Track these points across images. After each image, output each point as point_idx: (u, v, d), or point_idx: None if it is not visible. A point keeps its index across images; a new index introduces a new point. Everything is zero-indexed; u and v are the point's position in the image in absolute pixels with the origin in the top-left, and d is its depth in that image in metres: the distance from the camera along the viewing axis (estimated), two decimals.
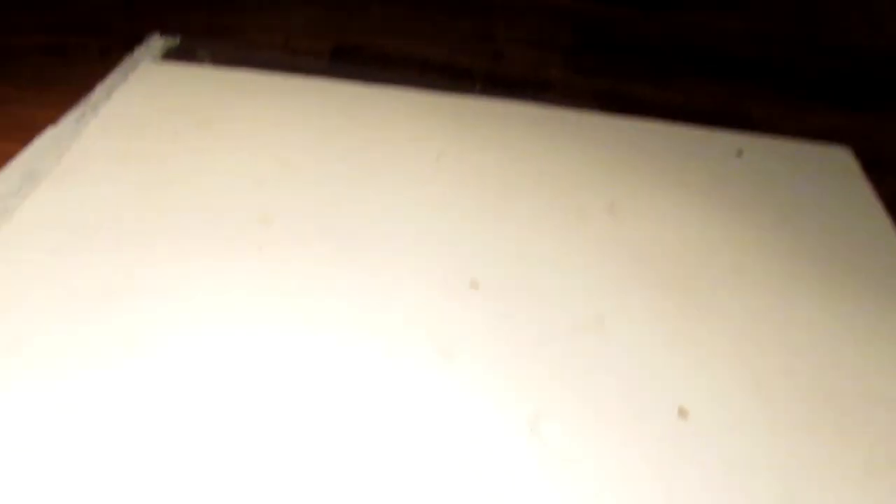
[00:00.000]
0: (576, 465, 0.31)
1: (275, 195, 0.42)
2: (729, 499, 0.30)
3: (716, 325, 0.38)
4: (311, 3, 0.68)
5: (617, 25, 0.68)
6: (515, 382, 0.34)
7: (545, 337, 0.36)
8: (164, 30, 0.60)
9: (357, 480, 0.29)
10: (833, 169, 0.50)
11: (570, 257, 0.41)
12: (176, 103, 0.49)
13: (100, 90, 0.52)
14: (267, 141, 0.46)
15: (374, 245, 0.40)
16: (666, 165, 0.49)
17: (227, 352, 0.33)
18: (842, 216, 0.46)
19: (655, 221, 0.44)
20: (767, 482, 0.31)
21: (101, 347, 0.33)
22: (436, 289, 0.38)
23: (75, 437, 0.29)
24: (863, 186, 0.48)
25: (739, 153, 0.50)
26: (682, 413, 0.33)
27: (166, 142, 0.45)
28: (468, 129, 0.50)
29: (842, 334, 0.38)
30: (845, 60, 0.65)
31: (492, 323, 0.36)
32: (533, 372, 0.34)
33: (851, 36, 0.66)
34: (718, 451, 0.32)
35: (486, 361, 0.35)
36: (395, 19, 0.67)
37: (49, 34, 0.61)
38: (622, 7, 0.68)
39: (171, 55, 0.57)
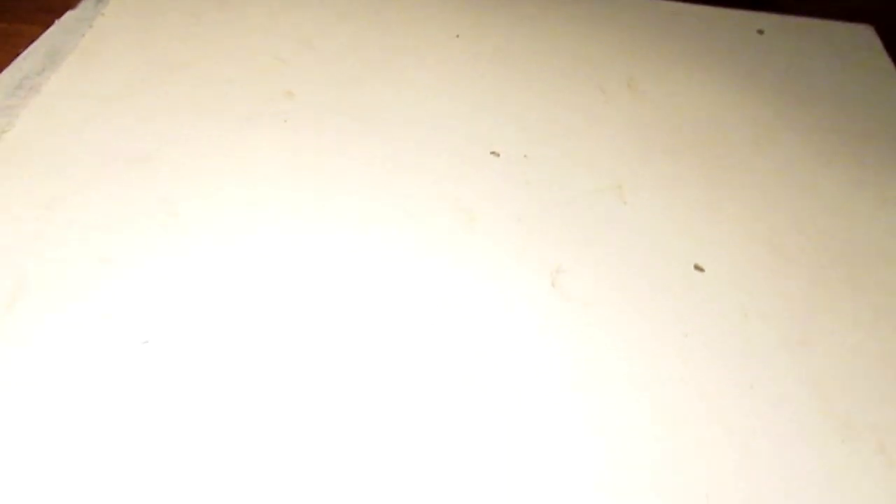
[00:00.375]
0: (595, 314, 0.32)
1: (297, 72, 0.43)
2: (742, 341, 0.32)
3: (731, 190, 0.39)
4: None
5: None
6: (537, 240, 0.35)
7: (564, 200, 0.37)
8: None
9: (387, 332, 0.31)
10: (855, 47, 0.49)
11: (589, 128, 0.41)
12: None
13: None
14: (287, 21, 0.47)
15: (396, 117, 0.41)
16: (686, 43, 0.48)
17: (260, 210, 0.35)
18: (861, 91, 0.46)
19: (673, 96, 0.44)
20: (780, 326, 0.32)
21: (137, 208, 0.34)
22: (457, 156, 0.39)
23: (113, 286, 0.31)
24: (884, 63, 0.48)
25: (760, 32, 0.50)
26: (698, 268, 0.35)
27: (187, 22, 0.46)
28: (486, 9, 0.50)
29: (855, 197, 0.39)
30: None
31: (511, 187, 0.38)
32: (551, 231, 0.36)
33: None
34: (731, 299, 0.33)
35: (507, 222, 0.36)
36: None
37: None
38: None
39: None
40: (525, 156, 0.39)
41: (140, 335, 0.30)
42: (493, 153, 0.39)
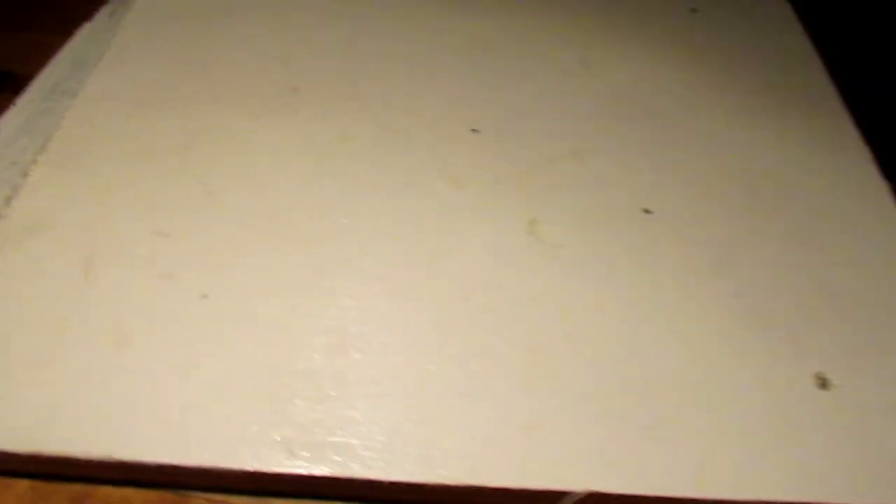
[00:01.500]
0: (566, 254, 0.40)
1: (301, 69, 0.50)
2: (682, 265, 0.39)
3: (671, 146, 0.46)
4: None
5: None
6: (513, 198, 0.42)
7: (534, 165, 0.44)
8: None
9: (392, 272, 0.38)
10: (772, 17, 0.57)
11: (552, 103, 0.49)
12: None
13: None
14: (288, 23, 0.53)
15: (390, 105, 0.48)
16: (631, 25, 0.56)
17: (284, 186, 0.42)
18: (778, 54, 0.54)
19: (622, 72, 0.52)
20: (711, 251, 0.40)
21: (179, 188, 0.41)
22: (443, 134, 0.46)
23: (169, 252, 0.38)
24: (797, 29, 0.56)
25: (694, 10, 0.57)
26: (646, 211, 0.42)
27: (199, 28, 0.52)
28: (462, 7, 0.56)
29: (771, 143, 0.47)
30: None
31: (490, 157, 0.45)
32: (526, 190, 0.43)
33: None
34: (673, 233, 0.41)
35: (488, 186, 0.43)
36: None
37: None
38: None
39: None
40: (499, 131, 0.46)
41: (198, 291, 0.36)
42: (473, 130, 0.46)
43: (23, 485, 0.32)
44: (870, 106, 0.51)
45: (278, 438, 0.31)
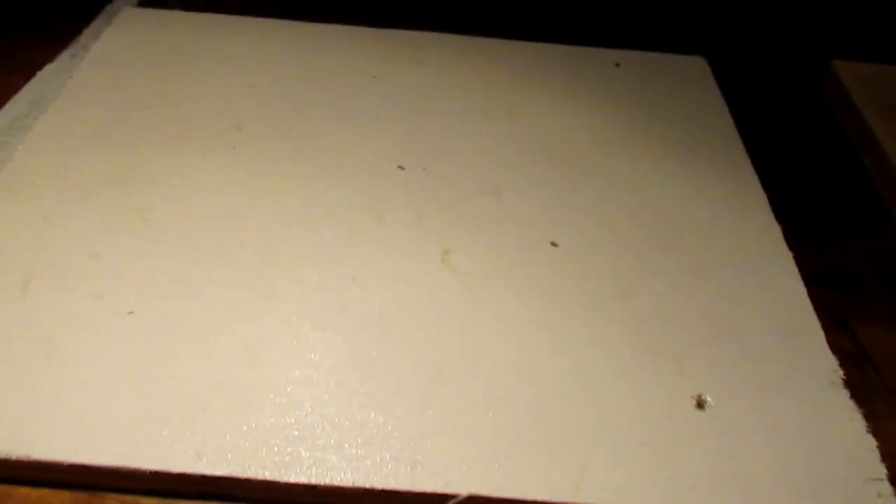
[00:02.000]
0: (474, 282, 0.43)
1: (244, 110, 0.54)
2: (583, 295, 0.43)
3: (583, 188, 0.50)
4: None
5: None
6: (431, 230, 0.46)
7: (453, 200, 0.48)
8: None
9: (319, 300, 0.41)
10: (690, 74, 0.62)
11: (476, 146, 0.53)
12: (155, 41, 0.59)
13: (87, 33, 0.62)
14: (234, 69, 0.57)
15: (323, 142, 0.51)
16: (556, 76, 0.60)
17: (217, 215, 0.45)
18: (694, 109, 0.58)
19: (546, 119, 0.56)
20: (612, 284, 0.44)
21: (117, 216, 0.44)
22: (371, 170, 0.50)
23: (102, 273, 0.41)
24: (712, 86, 0.61)
25: (617, 65, 0.62)
26: (553, 244, 0.46)
27: (151, 72, 0.56)
28: (395, 54, 0.61)
29: (676, 190, 0.51)
30: None
31: (413, 192, 0.48)
32: (444, 223, 0.46)
33: None
34: (577, 266, 0.44)
35: (410, 219, 0.47)
36: None
37: None
38: None
39: (145, 3, 0.67)
40: (424, 168, 0.50)
41: (125, 308, 0.39)
42: (399, 167, 0.50)
43: None
44: (771, 157, 0.56)
45: (188, 442, 0.34)
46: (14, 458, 0.33)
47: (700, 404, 0.38)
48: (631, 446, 0.36)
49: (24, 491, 0.34)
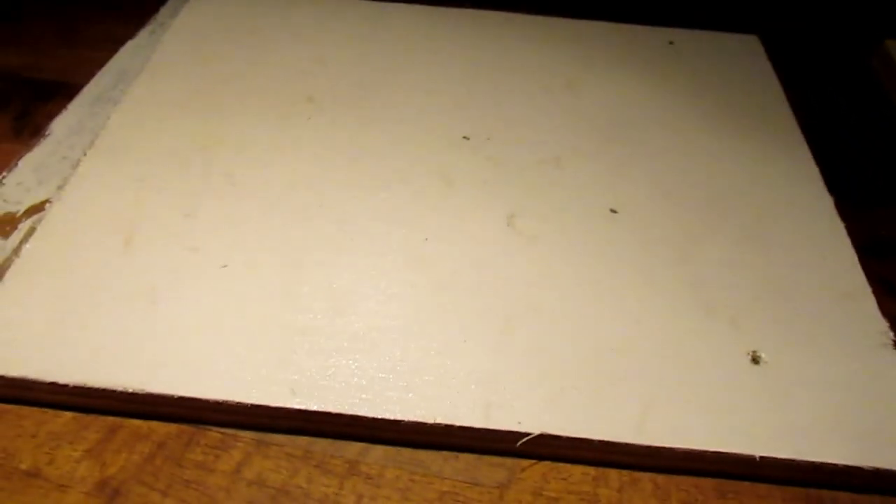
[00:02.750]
0: (539, 244, 0.46)
1: (316, 83, 0.57)
2: (644, 259, 0.45)
3: (640, 158, 0.52)
4: None
5: None
6: (497, 195, 0.48)
7: (517, 168, 0.51)
8: None
9: (393, 261, 0.44)
10: (743, 52, 0.64)
11: (537, 117, 0.55)
12: (230, 17, 0.62)
13: (164, 10, 0.66)
14: (304, 43, 0.60)
15: (393, 114, 0.54)
16: (613, 54, 0.62)
17: (297, 180, 0.48)
18: (747, 86, 0.60)
19: (603, 94, 0.58)
20: (671, 248, 0.46)
21: (206, 179, 0.48)
22: (438, 141, 0.52)
23: (195, 230, 0.44)
24: (765, 64, 0.62)
25: (671, 43, 0.64)
26: (613, 211, 0.48)
27: (228, 47, 0.59)
28: (458, 32, 0.64)
29: (730, 159, 0.53)
30: None
31: (478, 160, 0.51)
32: (509, 190, 0.49)
33: None
34: (637, 232, 0.47)
35: (476, 185, 0.49)
36: None
37: None
38: None
39: None
40: (488, 138, 0.53)
41: (219, 261, 0.43)
42: (464, 137, 0.53)
43: (67, 416, 0.38)
44: (823, 133, 0.57)
45: (283, 380, 0.37)
46: (130, 390, 0.36)
47: (755, 359, 0.40)
48: (689, 395, 0.38)
49: (136, 423, 0.38)
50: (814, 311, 0.43)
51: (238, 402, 0.36)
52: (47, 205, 0.47)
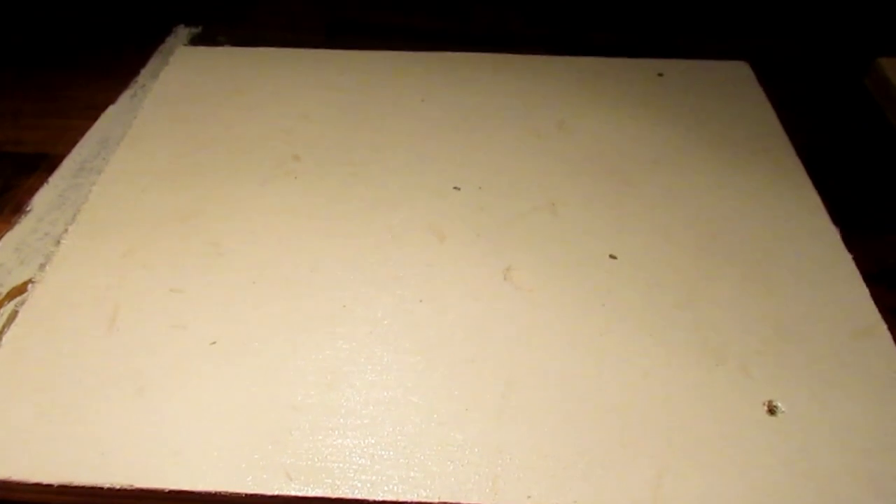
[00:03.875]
0: (538, 297, 0.44)
1: (301, 139, 0.55)
2: (645, 305, 0.43)
3: (637, 199, 0.51)
4: None
5: None
6: (492, 248, 0.47)
7: (511, 217, 0.49)
8: (186, 21, 0.72)
9: (381, 320, 0.42)
10: (734, 79, 0.62)
11: (529, 162, 0.54)
12: (212, 77, 0.62)
13: (145, 73, 0.65)
14: (288, 100, 0.59)
15: (380, 166, 0.53)
16: (603, 89, 0.61)
17: (286, 245, 0.47)
18: (740, 114, 0.59)
19: (595, 132, 0.57)
20: (673, 293, 0.44)
21: (192, 250, 0.46)
22: (428, 193, 0.51)
23: (183, 306, 0.43)
24: (757, 90, 0.61)
25: (660, 74, 0.63)
26: (612, 257, 0.47)
27: (210, 108, 0.58)
28: (445, 76, 0.63)
29: (729, 196, 0.51)
30: None
31: (471, 212, 0.50)
32: (504, 241, 0.48)
33: None
34: (637, 276, 0.45)
35: (470, 238, 0.48)
36: None
37: (88, 33, 0.73)
38: None
39: (195, 41, 0.69)
40: (479, 187, 0.52)
41: (208, 338, 0.41)
42: (455, 188, 0.52)
43: None
44: (822, 158, 0.56)
45: (277, 465, 0.35)
46: (118, 486, 0.34)
47: (771, 410, 0.39)
48: (706, 455, 0.36)
49: None
50: (828, 353, 0.41)
51: (232, 493, 0.34)
52: (29, 286, 0.45)
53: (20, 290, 0.46)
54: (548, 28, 0.73)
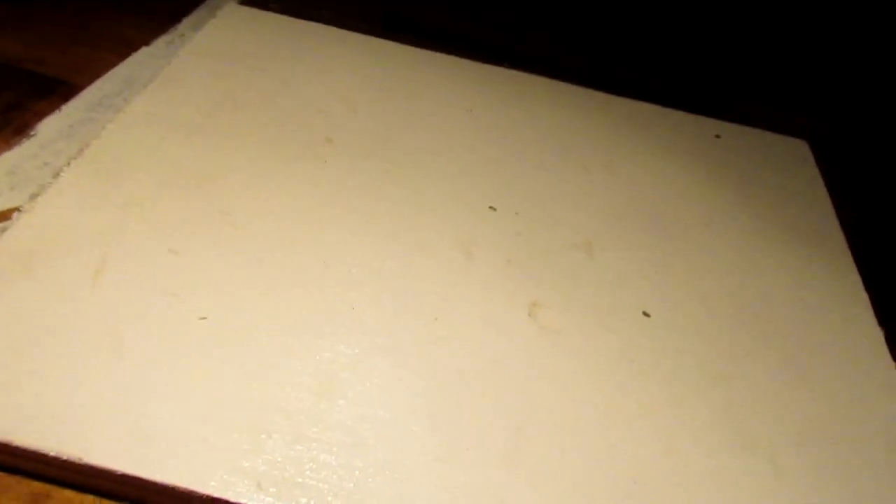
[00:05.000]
0: (561, 341, 0.40)
1: (336, 124, 0.52)
2: (673, 371, 0.40)
3: (679, 257, 0.47)
4: None
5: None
6: (520, 278, 0.43)
7: (545, 250, 0.46)
8: None
9: (394, 339, 0.38)
10: (792, 156, 0.60)
11: (571, 197, 0.50)
12: (256, 41, 0.58)
13: (186, 22, 0.62)
14: (331, 81, 0.56)
15: (415, 171, 0.49)
16: (658, 139, 0.58)
17: (303, 230, 0.43)
18: (794, 192, 0.56)
19: (643, 179, 0.54)
20: (703, 363, 0.41)
21: (200, 215, 0.42)
22: (462, 207, 0.47)
23: (179, 272, 0.39)
24: (813, 171, 0.58)
25: (718, 136, 0.60)
26: (645, 314, 0.43)
27: (248, 71, 0.55)
28: (496, 90, 0.59)
29: (772, 272, 0.48)
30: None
31: (503, 236, 0.46)
32: (533, 273, 0.44)
33: None
34: (669, 340, 0.42)
35: (499, 264, 0.44)
36: None
37: None
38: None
39: (246, 2, 0.66)
40: (517, 213, 0.48)
41: (198, 312, 0.37)
42: (491, 207, 0.48)
43: None
44: (873, 254, 0.53)
45: (249, 470, 0.31)
46: (65, 457, 0.30)
47: None
48: None
49: (68, 494, 0.31)
50: (866, 461, 0.38)
51: (191, 490, 0.30)
52: (15, 214, 0.41)
53: (5, 216, 0.41)
54: (604, 67, 0.70)
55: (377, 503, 0.31)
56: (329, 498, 0.31)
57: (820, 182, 0.58)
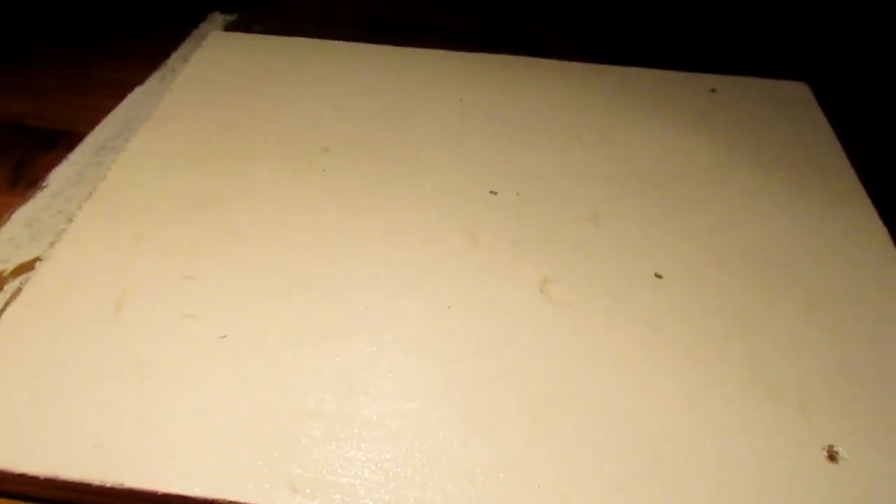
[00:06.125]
0: (576, 313, 0.41)
1: (331, 132, 0.53)
2: (692, 330, 0.40)
3: (685, 216, 0.47)
4: None
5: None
6: (528, 257, 0.44)
7: (550, 226, 0.46)
8: (223, 9, 0.70)
9: (410, 328, 0.39)
10: (792, 100, 0.59)
11: (570, 171, 0.51)
12: (244, 64, 0.59)
13: (175, 56, 0.63)
14: (321, 91, 0.57)
15: (413, 166, 0.50)
16: (651, 101, 0.58)
17: (310, 239, 0.44)
18: (798, 136, 0.55)
19: (640, 144, 0.54)
20: (721, 319, 0.41)
21: (210, 237, 0.43)
22: (463, 194, 0.48)
23: (195, 295, 0.40)
24: (816, 113, 0.57)
25: (713, 90, 0.60)
26: (657, 276, 0.43)
27: (239, 94, 0.56)
28: (486, 77, 0.60)
29: (785, 220, 0.47)
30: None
31: (507, 218, 0.46)
32: (541, 251, 0.44)
33: None
34: (683, 299, 0.42)
35: (505, 246, 0.45)
36: None
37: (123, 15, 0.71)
38: None
39: (231, 28, 0.67)
40: (518, 193, 0.48)
41: (218, 331, 0.38)
42: (492, 192, 0.48)
43: None
44: (889, 190, 0.52)
45: (282, 475, 0.32)
46: (108, 484, 0.31)
47: (832, 456, 0.35)
48: (754, 502, 0.33)
49: None
50: (894, 397, 0.37)
51: (231, 501, 0.31)
52: (37, 263, 0.43)
53: (28, 267, 0.43)
54: (593, 39, 0.70)
55: (408, 491, 0.32)
56: (362, 492, 0.32)
57: (824, 122, 0.57)
